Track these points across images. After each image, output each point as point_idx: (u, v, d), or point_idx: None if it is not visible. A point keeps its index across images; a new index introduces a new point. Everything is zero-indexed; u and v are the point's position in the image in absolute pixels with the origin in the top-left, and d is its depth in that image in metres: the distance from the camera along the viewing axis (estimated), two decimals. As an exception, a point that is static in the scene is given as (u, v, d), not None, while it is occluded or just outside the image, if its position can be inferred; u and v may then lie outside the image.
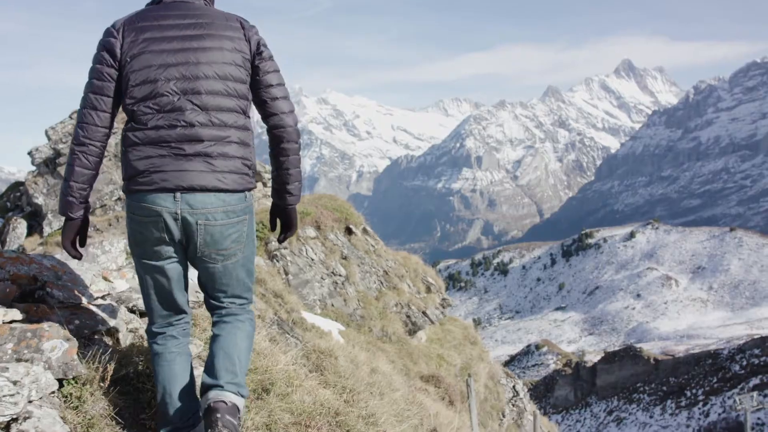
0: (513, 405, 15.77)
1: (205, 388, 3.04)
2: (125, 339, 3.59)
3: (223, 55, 3.12)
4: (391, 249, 16.38)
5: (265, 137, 3.34)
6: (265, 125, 3.32)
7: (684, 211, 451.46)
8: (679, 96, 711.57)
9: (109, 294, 3.83)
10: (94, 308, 3.46)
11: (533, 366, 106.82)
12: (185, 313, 3.31)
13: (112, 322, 3.52)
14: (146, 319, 3.58)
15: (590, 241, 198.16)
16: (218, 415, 2.89)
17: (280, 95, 3.28)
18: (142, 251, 3.10)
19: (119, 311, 3.64)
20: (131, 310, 3.95)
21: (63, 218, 3.19)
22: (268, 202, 23.71)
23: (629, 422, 78.65)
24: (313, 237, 12.92)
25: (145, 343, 3.72)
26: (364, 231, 15.19)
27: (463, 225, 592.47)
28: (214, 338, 3.23)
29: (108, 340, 3.50)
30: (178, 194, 2.99)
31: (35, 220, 24.69)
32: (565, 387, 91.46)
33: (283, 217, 3.48)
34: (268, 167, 25.72)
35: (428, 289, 15.85)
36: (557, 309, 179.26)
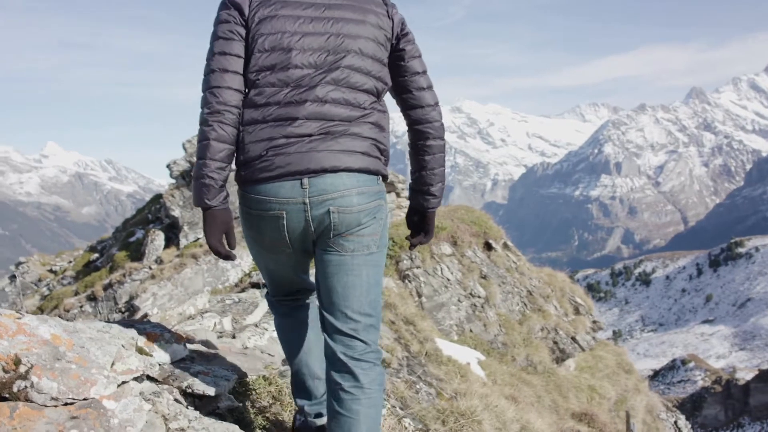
0: (675, 443, 13.93)
1: None
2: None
3: (366, 29, 2.70)
4: (527, 258, 14.96)
5: (400, 147, 2.22)
6: (405, 123, 2.87)
7: None
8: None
9: (144, 374, 2.57)
10: (109, 404, 2.26)
11: (679, 382, 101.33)
12: (306, 288, 3.03)
13: (136, 427, 2.28)
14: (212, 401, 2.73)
15: (741, 250, 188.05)
16: None
17: (425, 85, 2.83)
18: (260, 247, 2.74)
19: (157, 403, 2.45)
20: (186, 393, 2.65)
21: (201, 213, 2.66)
22: (402, 214, 22.70)
23: (787, 447, 73.66)
24: (449, 254, 11.66)
25: None
26: (505, 246, 13.83)
27: (602, 233, 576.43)
28: (334, 414, 2.61)
29: (129, 458, 2.27)
30: (305, 179, 2.52)
31: (173, 232, 24.84)
32: (715, 406, 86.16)
33: (422, 222, 3.03)
34: (401, 177, 24.77)
35: (576, 311, 14.32)
36: (704, 322, 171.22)
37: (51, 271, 29.78)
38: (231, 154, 2.61)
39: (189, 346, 3.09)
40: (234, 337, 3.88)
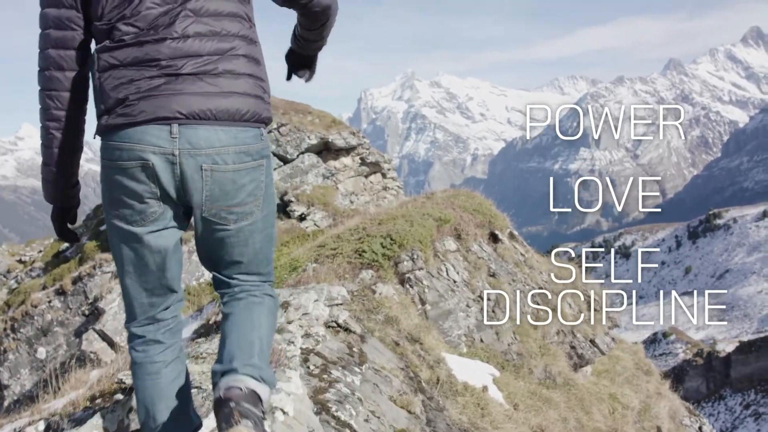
0: (700, 451, 12.73)
1: (216, 377, 2.28)
2: None
3: None
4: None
5: (379, 123, 1.70)
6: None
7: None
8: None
9: None
10: None
11: (660, 355, 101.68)
12: (173, 299, 2.51)
13: None
14: None
15: (719, 221, 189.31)
16: (232, 405, 2.07)
17: None
18: (119, 214, 2.31)
19: None
20: None
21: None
22: (389, 196, 21.22)
23: (770, 417, 74.34)
24: (454, 250, 10.23)
25: None
26: (511, 236, 12.43)
27: (582, 207, 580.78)
28: (225, 319, 2.48)
29: None
30: (175, 127, 2.21)
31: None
32: (696, 378, 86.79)
33: (306, 63, 2.76)
34: (387, 156, 23.30)
35: (589, 306, 12.98)
36: (684, 294, 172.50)
37: (20, 261, 28.32)
38: (80, 153, 2.47)
39: None
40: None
